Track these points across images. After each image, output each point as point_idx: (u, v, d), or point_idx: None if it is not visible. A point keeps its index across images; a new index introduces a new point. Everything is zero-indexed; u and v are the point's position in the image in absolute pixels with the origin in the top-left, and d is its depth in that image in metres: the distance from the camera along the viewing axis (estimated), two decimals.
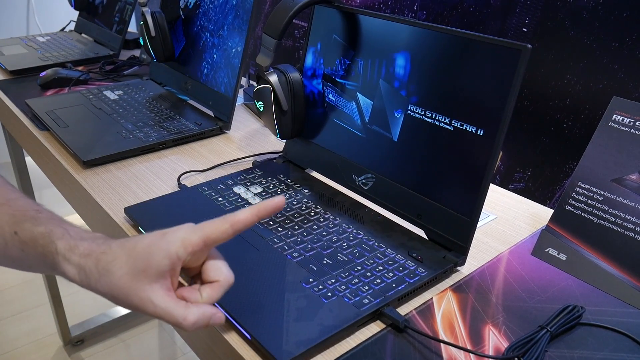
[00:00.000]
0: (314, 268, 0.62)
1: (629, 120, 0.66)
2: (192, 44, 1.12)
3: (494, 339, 0.55)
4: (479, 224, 0.72)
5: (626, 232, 0.63)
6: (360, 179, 0.76)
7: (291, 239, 0.67)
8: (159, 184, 0.84)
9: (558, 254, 0.67)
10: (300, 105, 0.82)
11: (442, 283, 0.64)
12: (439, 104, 0.66)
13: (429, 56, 0.67)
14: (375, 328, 0.57)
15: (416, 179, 0.70)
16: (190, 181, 0.85)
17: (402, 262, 0.64)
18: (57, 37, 1.59)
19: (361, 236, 0.68)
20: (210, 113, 1.06)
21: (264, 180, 0.82)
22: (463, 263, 0.65)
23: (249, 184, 0.81)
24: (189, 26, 1.12)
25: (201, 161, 0.92)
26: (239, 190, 0.79)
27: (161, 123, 1.01)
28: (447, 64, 0.65)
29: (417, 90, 0.68)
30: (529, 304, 0.60)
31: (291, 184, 0.81)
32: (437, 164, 0.67)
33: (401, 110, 0.70)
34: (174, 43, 1.16)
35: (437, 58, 0.66)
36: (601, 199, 0.66)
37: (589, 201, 0.67)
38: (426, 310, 0.59)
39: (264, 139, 1.01)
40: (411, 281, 0.61)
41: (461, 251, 0.64)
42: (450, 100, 0.65)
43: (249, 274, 0.61)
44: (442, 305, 0.60)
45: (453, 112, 0.65)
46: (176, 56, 1.16)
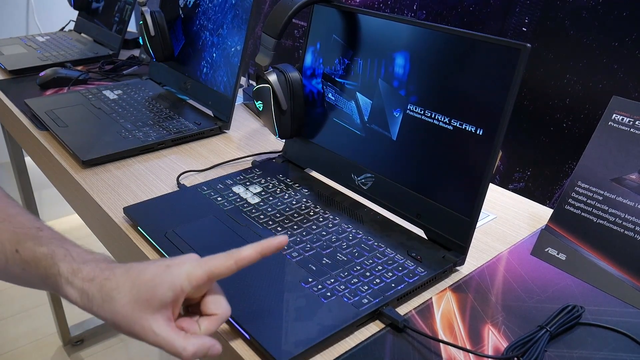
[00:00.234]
0: (313, 268, 0.62)
1: (628, 119, 0.66)
2: (191, 43, 1.12)
3: (494, 339, 0.55)
4: (478, 223, 0.72)
5: (626, 232, 0.63)
6: (359, 178, 0.76)
7: (290, 239, 0.67)
8: (158, 184, 0.84)
9: (558, 254, 0.67)
10: (300, 104, 0.81)
11: (441, 283, 0.64)
12: (438, 103, 0.66)
13: (428, 56, 0.67)
14: (374, 328, 0.57)
15: (416, 178, 0.69)
16: (189, 181, 0.84)
17: (402, 262, 0.64)
18: (56, 37, 1.59)
19: (360, 236, 0.68)
20: (210, 113, 1.06)
21: (263, 180, 0.82)
22: (462, 263, 0.65)
23: (248, 183, 0.81)
24: (189, 25, 1.12)
25: (200, 161, 0.92)
26: (238, 190, 0.79)
27: (160, 123, 1.01)
28: (447, 63, 0.65)
29: (416, 89, 0.68)
30: (529, 304, 0.60)
31: (290, 183, 0.81)
32: (436, 163, 0.67)
33: (400, 109, 0.70)
34: (174, 42, 1.16)
35: (436, 57, 0.66)
36: (601, 198, 0.66)
37: (588, 201, 0.67)
38: (425, 310, 0.59)
39: (263, 138, 1.01)
40: (410, 281, 0.61)
41: (460, 251, 0.64)
42: (449, 99, 0.65)
43: (247, 274, 0.61)
44: (442, 305, 0.60)
45: (452, 111, 0.65)
46: (175, 56, 1.16)
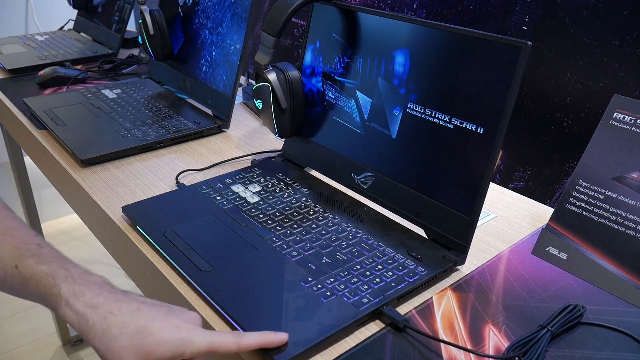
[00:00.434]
0: (313, 267, 0.62)
1: (630, 118, 0.66)
2: (190, 42, 1.11)
3: (494, 339, 0.55)
4: (478, 222, 0.71)
5: (627, 231, 0.63)
6: (359, 177, 0.76)
7: (290, 238, 0.67)
8: (157, 183, 0.84)
9: (559, 253, 0.66)
10: (299, 103, 0.81)
11: (441, 282, 0.63)
12: (438, 102, 0.66)
13: (428, 54, 0.66)
14: (374, 327, 0.56)
15: (416, 177, 0.69)
16: (188, 180, 0.84)
17: (402, 261, 0.63)
18: (55, 36, 1.59)
19: (360, 235, 0.68)
20: (209, 112, 1.06)
21: (262, 179, 0.81)
22: (463, 262, 0.65)
23: (247, 182, 0.80)
24: (188, 24, 1.12)
25: (200, 160, 0.91)
26: (238, 189, 0.78)
27: (160, 122, 1.01)
28: (447, 61, 0.64)
29: (416, 88, 0.68)
30: (530, 303, 0.59)
31: (290, 182, 0.81)
32: (437, 162, 0.66)
33: (400, 108, 0.70)
34: (173, 41, 1.15)
35: (436, 56, 0.66)
36: (602, 197, 0.65)
37: (589, 200, 0.66)
38: (426, 309, 0.59)
39: (262, 137, 1.01)
40: (411, 280, 0.60)
41: (461, 250, 0.64)
42: (450, 98, 0.65)
43: (247, 273, 0.61)
44: (442, 305, 0.59)
45: (453, 110, 0.64)
46: (175, 54, 1.16)
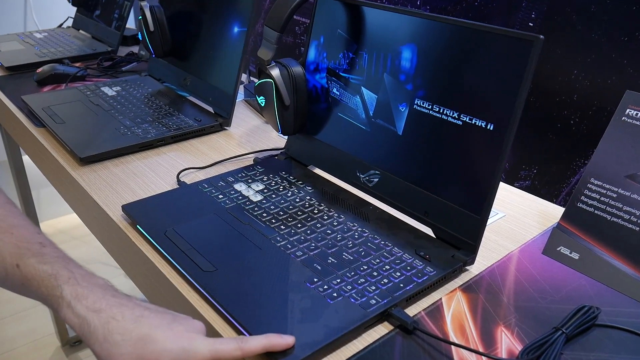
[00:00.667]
0: (319, 267, 0.60)
1: None
2: (191, 38, 1.09)
3: (507, 341, 0.53)
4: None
5: None
6: (364, 175, 0.74)
7: (294, 237, 0.65)
8: (157, 181, 0.82)
9: (570, 253, 0.65)
10: (303, 99, 0.79)
11: (450, 283, 0.62)
12: (447, 97, 0.64)
13: (436, 49, 0.65)
14: (382, 330, 0.55)
15: (423, 175, 0.67)
16: (189, 178, 0.82)
17: (410, 261, 0.62)
18: (54, 34, 1.57)
19: (367, 234, 0.66)
20: (210, 109, 1.04)
21: (265, 177, 0.79)
22: (472, 262, 0.63)
23: (250, 180, 0.79)
24: (188, 20, 1.10)
25: (201, 158, 0.90)
26: (240, 187, 0.77)
27: (160, 119, 0.99)
28: (456, 56, 0.63)
29: (424, 83, 0.66)
30: (542, 305, 0.58)
31: (293, 181, 0.79)
32: (445, 159, 0.65)
33: (406, 104, 0.68)
34: (173, 38, 1.14)
35: (445, 51, 0.64)
36: (615, 195, 0.64)
37: (602, 198, 0.65)
38: (435, 311, 0.57)
39: (265, 135, 0.99)
40: (419, 281, 0.58)
41: (471, 250, 0.62)
42: (459, 94, 0.63)
43: (251, 274, 0.59)
44: (452, 306, 0.58)
45: (462, 106, 0.63)
46: (175, 51, 1.14)
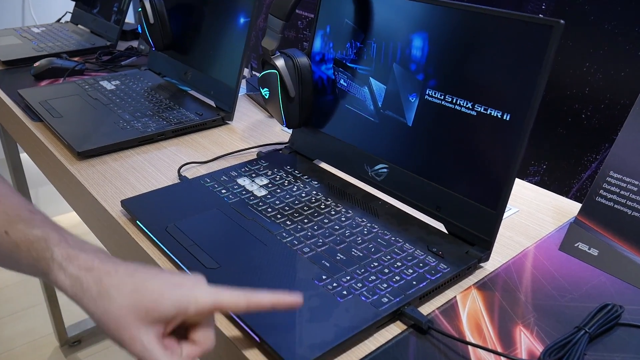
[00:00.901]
0: (327, 264, 0.57)
1: None
2: (192, 31, 1.07)
3: (527, 341, 0.50)
4: None
5: None
6: (373, 169, 0.71)
7: (301, 233, 0.63)
8: (157, 176, 0.79)
9: (589, 249, 0.62)
10: (308, 91, 0.77)
11: (465, 280, 0.59)
12: (460, 87, 0.61)
13: (449, 36, 0.62)
14: (395, 329, 0.52)
15: (434, 168, 0.65)
16: (191, 173, 0.80)
17: (422, 258, 0.59)
18: (52, 28, 1.54)
19: (376, 230, 0.64)
20: (212, 103, 1.01)
21: (269, 172, 0.77)
22: (487, 259, 0.60)
23: (254, 175, 0.76)
24: (189, 13, 1.07)
25: (202, 152, 0.87)
26: (244, 182, 0.74)
27: (160, 113, 0.96)
28: (470, 44, 0.60)
29: (435, 73, 0.64)
30: (561, 303, 0.55)
31: (299, 175, 0.76)
32: (458, 151, 0.62)
33: (417, 94, 0.65)
34: (174, 31, 1.11)
35: (458, 38, 0.61)
36: (635, 189, 0.61)
37: (621, 192, 0.62)
38: (450, 309, 0.54)
39: (268, 129, 0.96)
40: (433, 278, 0.56)
41: (485, 246, 0.60)
42: (473, 83, 0.60)
43: (256, 271, 0.56)
44: (467, 304, 0.55)
45: (476, 96, 0.60)
46: (176, 44, 1.11)
